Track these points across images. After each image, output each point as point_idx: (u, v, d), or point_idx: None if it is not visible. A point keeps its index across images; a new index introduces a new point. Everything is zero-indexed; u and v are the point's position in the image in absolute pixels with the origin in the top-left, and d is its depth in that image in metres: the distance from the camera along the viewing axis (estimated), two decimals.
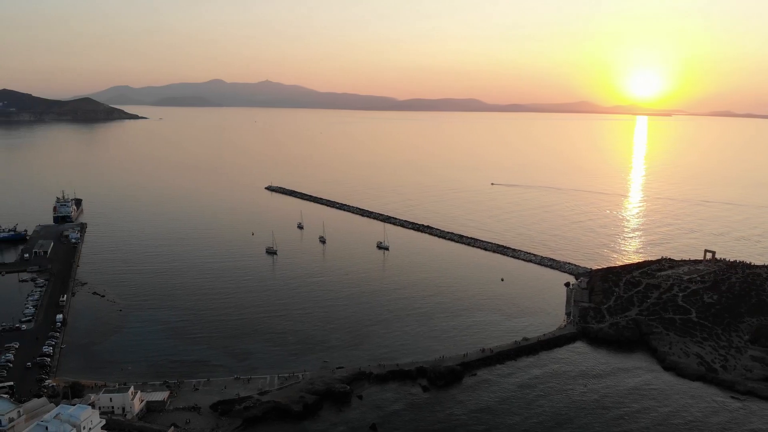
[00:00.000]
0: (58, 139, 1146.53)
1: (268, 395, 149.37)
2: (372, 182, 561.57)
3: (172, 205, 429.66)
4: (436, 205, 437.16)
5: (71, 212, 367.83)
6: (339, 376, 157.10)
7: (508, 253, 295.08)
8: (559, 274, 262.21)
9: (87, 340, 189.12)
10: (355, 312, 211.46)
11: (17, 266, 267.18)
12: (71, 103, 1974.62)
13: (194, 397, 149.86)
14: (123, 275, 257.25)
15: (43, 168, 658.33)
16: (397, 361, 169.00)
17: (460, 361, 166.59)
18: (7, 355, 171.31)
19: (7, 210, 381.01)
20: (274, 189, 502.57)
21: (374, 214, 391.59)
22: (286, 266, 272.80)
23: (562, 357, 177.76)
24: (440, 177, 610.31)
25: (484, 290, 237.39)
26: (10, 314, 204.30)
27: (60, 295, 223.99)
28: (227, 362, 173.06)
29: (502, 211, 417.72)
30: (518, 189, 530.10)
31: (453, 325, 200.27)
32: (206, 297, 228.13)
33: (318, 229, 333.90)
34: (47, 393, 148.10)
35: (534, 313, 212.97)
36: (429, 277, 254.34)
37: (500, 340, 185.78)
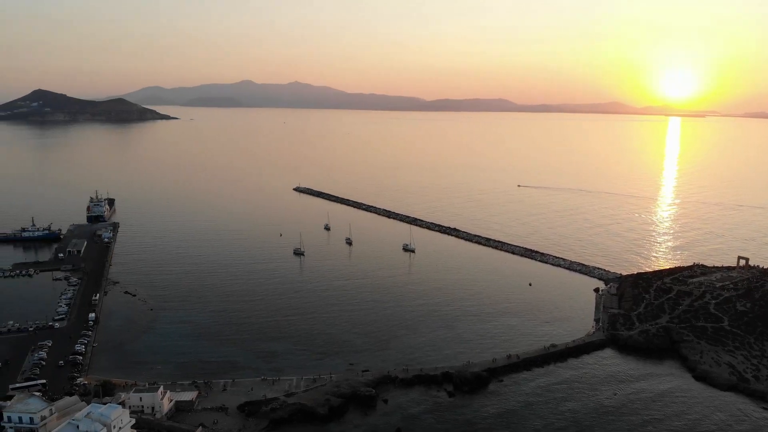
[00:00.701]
0: (91, 139, 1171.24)
1: (294, 397, 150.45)
2: (398, 183, 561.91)
3: (203, 205, 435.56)
4: (462, 207, 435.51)
5: (104, 212, 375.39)
6: (364, 380, 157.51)
7: (536, 257, 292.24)
8: (588, 279, 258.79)
9: (118, 339, 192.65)
10: (381, 315, 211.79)
11: (51, 265, 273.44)
12: (105, 104, 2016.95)
13: (222, 398, 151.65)
14: (154, 275, 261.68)
15: (77, 168, 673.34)
16: (422, 365, 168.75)
17: (487, 367, 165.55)
18: (40, 353, 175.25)
19: (41, 209, 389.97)
20: (301, 190, 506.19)
21: (400, 216, 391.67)
22: (313, 268, 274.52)
23: (590, 364, 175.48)
24: (466, 178, 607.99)
25: (512, 295, 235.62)
26: (43, 312, 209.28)
27: (92, 294, 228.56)
28: (254, 363, 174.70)
29: (530, 214, 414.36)
30: (545, 191, 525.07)
31: (479, 330, 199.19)
32: (235, 297, 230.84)
33: (344, 230, 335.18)
34: (79, 391, 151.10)
35: (562, 319, 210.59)
36: (455, 281, 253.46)
37: (527, 346, 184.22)
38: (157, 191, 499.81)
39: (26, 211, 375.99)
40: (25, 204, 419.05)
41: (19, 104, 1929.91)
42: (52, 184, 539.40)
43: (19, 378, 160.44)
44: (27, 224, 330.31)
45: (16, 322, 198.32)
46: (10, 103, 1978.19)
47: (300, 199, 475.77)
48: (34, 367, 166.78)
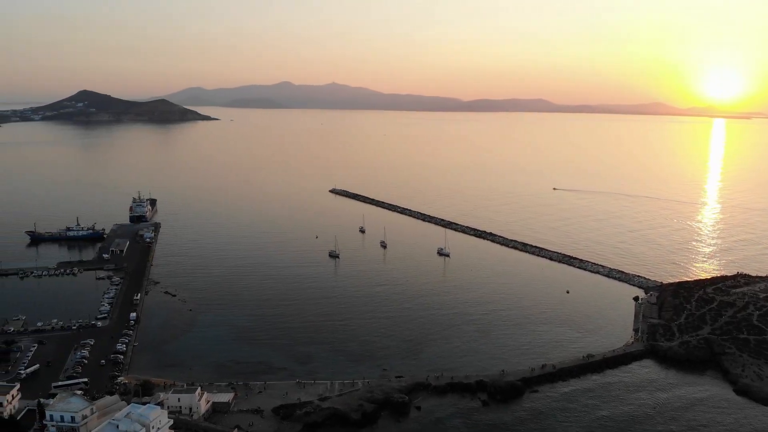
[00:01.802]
0: (134, 140, 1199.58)
1: (328, 401, 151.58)
2: (433, 185, 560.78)
3: (241, 206, 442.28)
4: (498, 211, 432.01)
5: (146, 212, 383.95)
6: (398, 386, 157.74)
7: (575, 263, 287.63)
8: (628, 287, 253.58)
9: (158, 338, 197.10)
10: (415, 320, 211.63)
11: (95, 264, 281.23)
12: (148, 104, 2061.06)
13: (257, 400, 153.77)
14: (193, 275, 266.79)
15: (120, 168, 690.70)
16: (456, 372, 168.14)
17: (522, 377, 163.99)
18: (83, 352, 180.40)
19: (86, 209, 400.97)
20: (337, 192, 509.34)
21: (435, 219, 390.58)
22: (348, 271, 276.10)
23: (628, 376, 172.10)
24: (501, 180, 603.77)
25: (549, 302, 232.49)
26: (86, 311, 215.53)
27: (134, 294, 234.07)
28: (289, 365, 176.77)
29: (566, 218, 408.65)
30: (582, 194, 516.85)
31: (515, 337, 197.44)
32: (271, 299, 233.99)
33: (379, 233, 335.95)
34: (119, 390, 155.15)
35: (600, 329, 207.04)
36: (491, 287, 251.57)
37: (564, 355, 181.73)
38: (198, 191, 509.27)
39: (71, 210, 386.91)
40: (70, 204, 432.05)
41: (66, 104, 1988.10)
42: (97, 184, 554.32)
43: (62, 376, 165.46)
44: (72, 224, 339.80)
45: (60, 320, 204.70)
46: (56, 103, 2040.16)
47: (336, 201, 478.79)
48: (76, 366, 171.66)
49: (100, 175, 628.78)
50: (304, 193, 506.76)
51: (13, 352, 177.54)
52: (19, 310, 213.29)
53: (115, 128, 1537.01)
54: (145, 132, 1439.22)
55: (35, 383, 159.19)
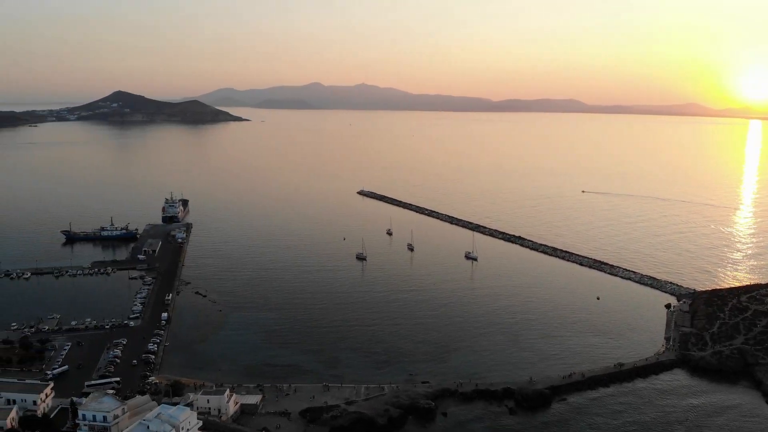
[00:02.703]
0: (167, 140, 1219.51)
1: (355, 405, 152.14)
2: (461, 187, 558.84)
3: (271, 207, 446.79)
4: (526, 214, 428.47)
5: (178, 212, 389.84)
6: (424, 392, 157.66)
7: (605, 269, 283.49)
8: (660, 294, 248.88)
9: (188, 339, 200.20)
10: (442, 325, 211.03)
11: (128, 264, 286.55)
12: (180, 105, 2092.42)
13: (285, 403, 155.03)
14: (223, 276, 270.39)
15: (153, 168, 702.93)
16: (483, 379, 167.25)
17: (550, 384, 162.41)
18: (115, 351, 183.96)
19: (120, 209, 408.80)
20: (365, 194, 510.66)
21: (463, 222, 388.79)
22: (375, 274, 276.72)
23: (659, 386, 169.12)
24: (528, 182, 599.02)
25: (578, 309, 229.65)
26: (119, 311, 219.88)
27: (166, 294, 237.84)
28: (317, 368, 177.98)
29: (596, 222, 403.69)
30: (612, 197, 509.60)
31: (543, 344, 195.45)
32: (300, 301, 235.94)
33: (406, 235, 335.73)
34: (150, 390, 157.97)
35: (630, 337, 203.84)
36: (519, 292, 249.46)
37: (593, 363, 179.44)
38: (228, 192, 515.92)
39: (106, 210, 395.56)
40: (104, 204, 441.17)
41: (101, 105, 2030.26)
42: (130, 184, 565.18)
43: (95, 375, 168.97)
44: (106, 223, 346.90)
45: (94, 320, 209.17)
46: (92, 103, 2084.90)
47: (363, 202, 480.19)
48: (108, 365, 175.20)
49: (134, 175, 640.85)
50: (333, 195, 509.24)
51: (48, 351, 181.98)
52: (53, 309, 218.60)
53: (148, 128, 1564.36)
54: (177, 132, 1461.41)
55: (68, 382, 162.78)
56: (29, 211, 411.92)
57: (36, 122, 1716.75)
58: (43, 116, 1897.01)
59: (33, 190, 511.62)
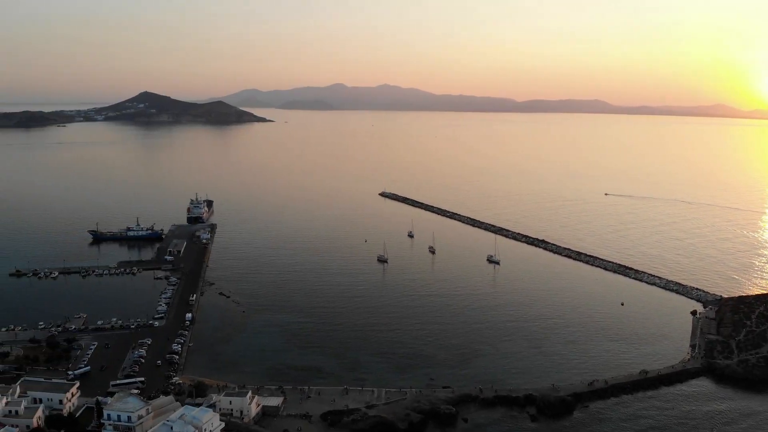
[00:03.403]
0: (192, 140, 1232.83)
1: (375, 409, 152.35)
2: (483, 189, 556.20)
3: (294, 208, 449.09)
4: (549, 216, 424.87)
5: (203, 213, 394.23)
6: (445, 397, 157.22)
7: (630, 274, 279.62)
8: (686, 300, 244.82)
9: (212, 339, 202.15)
10: (463, 329, 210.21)
11: (153, 264, 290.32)
12: (205, 106, 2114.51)
13: (306, 405, 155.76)
14: (246, 276, 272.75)
15: (178, 168, 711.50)
16: (504, 385, 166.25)
17: (572, 392, 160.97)
18: (140, 351, 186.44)
19: (146, 209, 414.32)
20: (387, 195, 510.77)
21: (485, 225, 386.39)
22: (396, 276, 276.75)
23: (684, 394, 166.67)
24: (551, 184, 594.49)
25: (602, 314, 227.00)
26: (144, 311, 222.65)
27: (190, 294, 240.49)
28: (338, 371, 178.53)
29: (620, 225, 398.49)
30: (635, 200, 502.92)
31: (566, 351, 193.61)
32: (321, 303, 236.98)
33: (428, 238, 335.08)
34: (174, 390, 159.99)
35: (655, 343, 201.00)
36: (542, 297, 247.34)
37: (616, 370, 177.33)
38: (252, 193, 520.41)
39: (132, 210, 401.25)
40: (131, 204, 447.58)
41: (127, 105, 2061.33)
42: (156, 184, 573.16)
43: (120, 375, 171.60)
44: (132, 224, 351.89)
45: (119, 319, 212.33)
46: (119, 104, 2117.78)
47: (385, 204, 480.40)
48: (133, 365, 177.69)
49: (159, 175, 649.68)
50: (355, 196, 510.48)
51: (74, 350, 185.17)
52: (80, 308, 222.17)
53: (174, 129, 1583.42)
54: (202, 133, 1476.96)
55: (94, 381, 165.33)
56: (58, 211, 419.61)
57: (64, 122, 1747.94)
58: (71, 116, 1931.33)
59: (61, 190, 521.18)
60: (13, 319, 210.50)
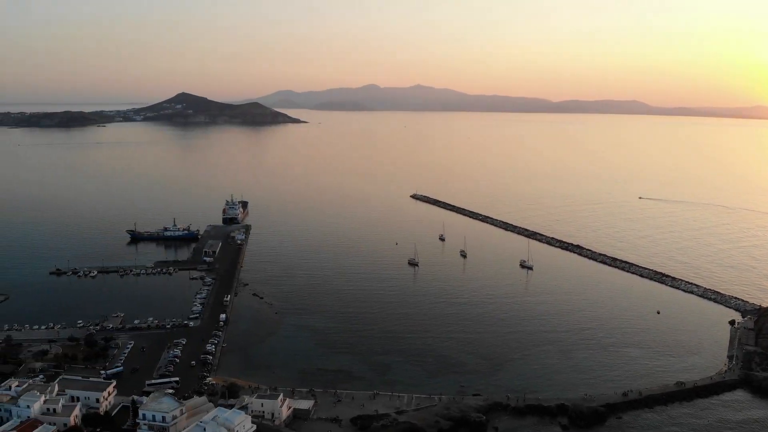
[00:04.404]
0: (228, 141, 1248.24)
1: (405, 415, 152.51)
2: (516, 192, 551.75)
3: (326, 209, 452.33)
4: (582, 220, 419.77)
5: (238, 214, 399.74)
6: (475, 404, 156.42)
7: (667, 281, 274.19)
8: (724, 309, 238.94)
9: (245, 340, 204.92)
10: (495, 336, 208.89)
11: (189, 264, 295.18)
12: (241, 107, 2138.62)
13: (336, 409, 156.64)
14: (279, 278, 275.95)
15: (215, 169, 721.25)
16: (536, 394, 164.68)
17: (605, 402, 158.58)
18: (175, 351, 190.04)
19: (183, 209, 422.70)
20: (418, 197, 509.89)
21: (518, 229, 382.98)
22: (427, 280, 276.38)
23: (719, 407, 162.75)
24: (584, 187, 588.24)
25: (637, 323, 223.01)
26: (179, 311, 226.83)
27: (224, 295, 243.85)
28: (368, 375, 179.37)
29: (655, 230, 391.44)
30: (670, 204, 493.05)
31: (599, 360, 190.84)
32: (353, 306, 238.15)
33: (459, 242, 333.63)
34: (207, 391, 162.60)
35: (691, 354, 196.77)
36: (576, 304, 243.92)
37: (650, 381, 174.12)
38: (285, 194, 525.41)
39: (169, 210, 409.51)
40: (168, 204, 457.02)
41: (165, 106, 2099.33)
42: (192, 184, 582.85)
43: (155, 374, 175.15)
44: (169, 224, 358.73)
45: (155, 319, 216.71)
46: (157, 104, 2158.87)
47: (416, 206, 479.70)
48: (168, 364, 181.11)
49: (196, 175, 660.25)
50: (386, 198, 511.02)
51: (111, 349, 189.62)
52: (118, 307, 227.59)
53: (210, 129, 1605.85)
54: (238, 134, 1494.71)
55: (130, 380, 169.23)
56: (97, 211, 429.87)
57: (104, 122, 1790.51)
58: (111, 117, 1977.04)
59: (100, 190, 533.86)
60: (53, 317, 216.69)
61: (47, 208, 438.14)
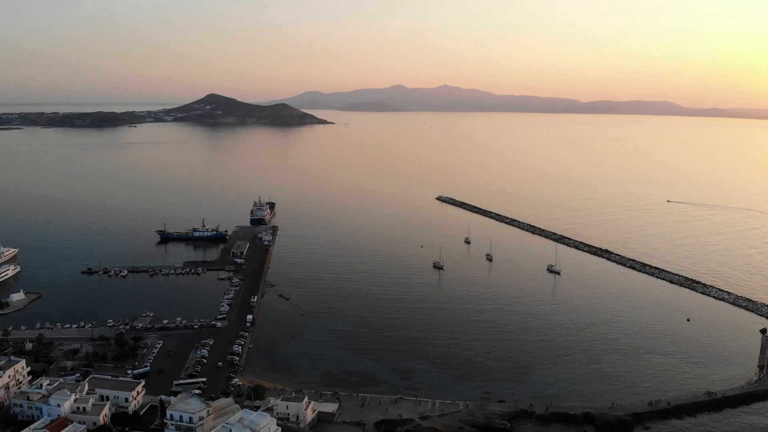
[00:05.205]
0: (256, 142, 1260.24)
1: (429, 421, 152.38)
2: (544, 195, 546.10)
3: (352, 211, 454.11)
4: (610, 224, 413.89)
5: (266, 215, 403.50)
6: (500, 411, 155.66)
7: (697, 288, 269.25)
8: (755, 317, 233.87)
9: (270, 342, 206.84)
10: (521, 342, 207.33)
11: (217, 264, 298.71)
12: (269, 108, 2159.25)
13: (360, 413, 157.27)
14: (305, 279, 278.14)
15: (243, 169, 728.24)
16: (562, 401, 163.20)
17: (632, 411, 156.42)
18: (203, 351, 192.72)
19: (212, 210, 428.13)
20: (444, 200, 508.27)
21: (545, 233, 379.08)
22: (452, 284, 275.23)
23: (749, 418, 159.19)
24: (612, 189, 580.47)
25: (667, 330, 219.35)
26: (207, 311, 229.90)
27: (251, 296, 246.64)
28: (392, 379, 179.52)
29: (683, 235, 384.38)
30: (699, 208, 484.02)
31: (627, 368, 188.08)
32: (377, 308, 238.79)
33: (485, 245, 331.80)
34: (234, 392, 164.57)
35: (721, 363, 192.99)
36: (603, 310, 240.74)
37: (679, 390, 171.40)
38: (312, 195, 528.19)
39: (198, 211, 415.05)
40: (197, 204, 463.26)
41: (195, 107, 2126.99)
42: (221, 185, 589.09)
43: (183, 374, 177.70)
44: (198, 224, 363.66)
45: (184, 319, 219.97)
46: (187, 105, 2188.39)
47: (442, 209, 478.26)
48: (196, 365, 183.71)
49: (224, 176, 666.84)
50: (412, 200, 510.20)
51: (140, 348, 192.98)
52: (147, 307, 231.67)
53: (239, 130, 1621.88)
54: (266, 135, 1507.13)
55: (158, 380, 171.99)
56: (128, 210, 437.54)
57: (135, 123, 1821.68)
58: (142, 117, 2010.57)
59: (131, 190, 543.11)
60: (84, 315, 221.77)
61: (80, 207, 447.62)
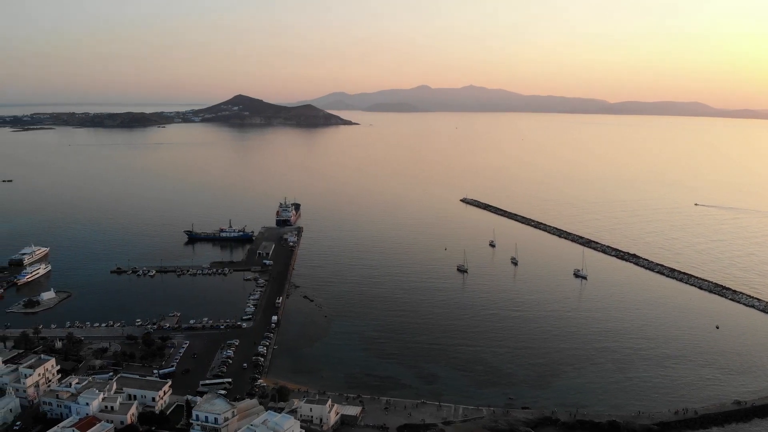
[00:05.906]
0: (282, 143, 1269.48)
1: (452, 426, 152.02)
2: (570, 197, 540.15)
3: (376, 212, 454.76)
4: (637, 228, 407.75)
5: (291, 216, 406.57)
6: (524, 418, 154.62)
7: (727, 294, 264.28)
8: None
9: (295, 343, 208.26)
10: (546, 347, 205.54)
11: (243, 265, 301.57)
12: (295, 109, 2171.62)
13: (383, 417, 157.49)
14: (330, 281, 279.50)
15: (269, 170, 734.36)
16: (587, 409, 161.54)
17: (659, 420, 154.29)
18: (228, 351, 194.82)
19: (238, 211, 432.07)
20: (468, 202, 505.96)
21: (572, 236, 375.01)
22: (477, 288, 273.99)
23: None
24: (640, 192, 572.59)
25: (694, 338, 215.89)
26: (233, 312, 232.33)
27: (276, 297, 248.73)
28: (415, 383, 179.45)
29: (712, 239, 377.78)
30: (727, 211, 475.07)
31: (654, 376, 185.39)
32: (401, 312, 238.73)
33: (510, 248, 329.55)
34: (258, 393, 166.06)
35: (750, 371, 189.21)
36: (630, 317, 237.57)
37: (707, 399, 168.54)
38: (336, 197, 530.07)
39: (225, 211, 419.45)
40: (224, 205, 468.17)
41: (222, 108, 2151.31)
42: (248, 186, 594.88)
43: (208, 374, 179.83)
44: (225, 225, 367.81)
45: (210, 319, 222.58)
46: (214, 106, 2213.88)
47: (466, 211, 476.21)
48: (222, 365, 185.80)
49: (251, 177, 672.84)
50: (436, 202, 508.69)
51: (168, 348, 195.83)
52: (174, 307, 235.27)
53: (265, 131, 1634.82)
54: (292, 135, 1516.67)
55: (185, 380, 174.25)
56: (156, 211, 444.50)
57: (164, 123, 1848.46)
58: (170, 118, 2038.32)
59: (161, 190, 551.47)
60: (113, 314, 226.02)
61: (109, 208, 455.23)
